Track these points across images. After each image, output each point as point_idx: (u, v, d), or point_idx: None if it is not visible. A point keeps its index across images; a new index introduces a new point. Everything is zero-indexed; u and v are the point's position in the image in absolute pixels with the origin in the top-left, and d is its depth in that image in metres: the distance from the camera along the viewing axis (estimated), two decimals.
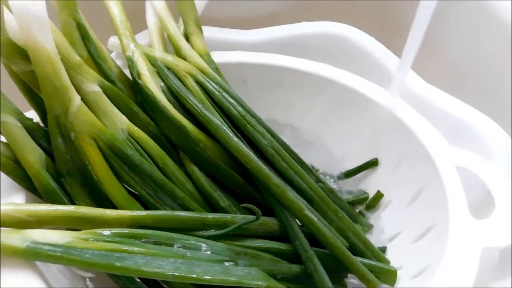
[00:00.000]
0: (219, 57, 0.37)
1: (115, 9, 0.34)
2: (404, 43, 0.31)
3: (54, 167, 0.27)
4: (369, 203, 0.37)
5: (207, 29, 0.38)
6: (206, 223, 0.27)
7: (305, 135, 0.40)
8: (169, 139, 0.31)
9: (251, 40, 0.41)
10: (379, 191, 0.37)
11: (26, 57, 0.25)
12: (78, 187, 0.27)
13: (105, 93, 0.28)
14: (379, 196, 0.37)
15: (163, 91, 0.31)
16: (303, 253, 0.28)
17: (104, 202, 0.27)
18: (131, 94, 0.31)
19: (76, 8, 0.29)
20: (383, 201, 0.37)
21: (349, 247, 0.30)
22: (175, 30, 0.36)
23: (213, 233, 0.27)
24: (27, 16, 0.23)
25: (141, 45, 0.34)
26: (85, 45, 0.30)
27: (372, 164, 0.37)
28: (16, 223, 0.23)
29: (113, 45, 0.36)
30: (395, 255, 0.33)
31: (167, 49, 0.35)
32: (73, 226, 0.25)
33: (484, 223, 0.28)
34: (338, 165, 0.40)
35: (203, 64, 0.34)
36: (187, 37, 0.36)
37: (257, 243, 0.29)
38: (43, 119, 0.29)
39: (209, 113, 0.30)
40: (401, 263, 0.32)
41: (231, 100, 0.32)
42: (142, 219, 0.26)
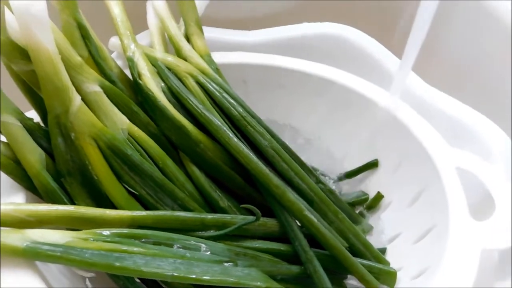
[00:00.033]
0: (220, 57, 0.37)
1: (116, 9, 0.34)
2: (403, 43, 0.31)
3: (54, 167, 0.27)
4: (369, 204, 0.37)
5: (208, 29, 0.38)
6: (206, 223, 0.27)
7: (305, 136, 0.40)
8: (170, 139, 0.31)
9: (251, 40, 0.41)
10: (379, 192, 0.37)
11: (26, 56, 0.25)
12: (78, 187, 0.27)
13: (106, 93, 0.28)
14: (379, 197, 0.37)
15: (163, 91, 0.31)
16: (303, 254, 0.28)
17: (104, 202, 0.27)
18: (131, 94, 0.31)
19: (77, 8, 0.29)
20: (383, 202, 0.37)
21: (348, 248, 0.30)
22: (176, 30, 0.36)
23: (212, 233, 0.27)
24: (28, 16, 0.23)
25: (141, 45, 0.34)
26: (86, 45, 0.30)
27: (372, 165, 0.37)
28: (16, 223, 0.24)
29: (113, 45, 0.36)
30: (395, 256, 0.33)
31: (167, 50, 0.35)
32: (73, 226, 0.25)
33: (484, 225, 0.28)
34: (338, 166, 0.40)
35: (203, 64, 0.34)
36: (187, 38, 0.36)
37: (256, 243, 0.29)
38: (43, 119, 0.29)
39: (210, 114, 0.30)
40: (401, 264, 0.32)
41: (232, 100, 0.32)
42: (142, 219, 0.26)
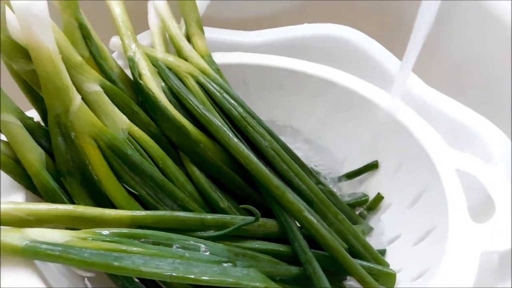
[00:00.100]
0: (220, 58, 0.37)
1: (117, 9, 0.34)
2: (404, 43, 0.31)
3: (54, 167, 0.27)
4: (369, 206, 0.37)
5: (208, 30, 0.38)
6: (205, 223, 0.27)
7: (305, 137, 0.40)
8: (170, 139, 0.31)
9: (252, 41, 0.41)
10: (379, 194, 0.37)
11: (27, 56, 0.25)
12: (78, 187, 0.27)
13: (106, 93, 0.28)
14: (379, 198, 0.37)
15: (164, 91, 0.31)
16: (302, 255, 0.28)
17: (104, 202, 0.27)
18: (132, 94, 0.31)
19: (78, 8, 0.29)
20: (383, 204, 0.37)
21: (348, 250, 0.30)
22: (176, 30, 0.36)
23: (212, 234, 0.27)
24: (29, 15, 0.23)
25: (142, 45, 0.34)
26: (87, 45, 0.30)
27: (372, 166, 0.37)
28: (15, 222, 0.24)
29: (114, 45, 0.36)
30: (395, 257, 0.33)
31: (168, 50, 0.35)
32: (72, 225, 0.25)
33: (484, 227, 0.28)
34: (338, 167, 0.40)
35: (204, 65, 0.34)
36: (188, 38, 0.36)
37: (256, 244, 0.29)
38: (43, 118, 0.29)
39: (210, 114, 0.30)
40: (401, 266, 0.32)
41: (232, 101, 0.32)
42: (141, 219, 0.26)
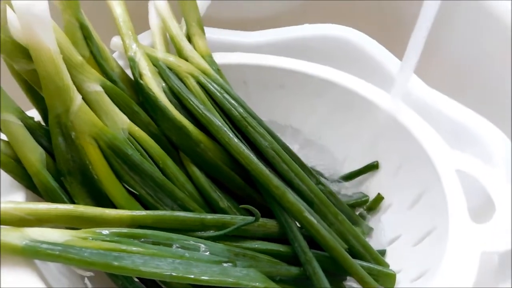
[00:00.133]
0: (221, 58, 0.37)
1: (118, 9, 0.34)
2: (404, 44, 0.31)
3: (54, 166, 0.27)
4: (369, 206, 0.37)
5: (209, 30, 0.38)
6: (205, 223, 0.27)
7: (306, 137, 0.40)
8: (170, 139, 0.31)
9: (253, 41, 0.41)
10: (379, 194, 0.37)
11: (28, 56, 0.25)
12: (78, 186, 0.27)
13: (107, 93, 0.28)
14: (379, 199, 0.37)
15: (164, 91, 0.31)
16: (302, 255, 0.28)
17: (104, 201, 0.27)
18: (132, 94, 0.31)
19: (79, 8, 0.29)
20: (383, 204, 0.37)
21: (348, 250, 0.30)
22: (177, 31, 0.36)
23: (212, 234, 0.27)
24: (30, 15, 0.23)
25: (143, 45, 0.34)
26: (88, 45, 0.30)
27: (372, 167, 0.37)
28: (15, 221, 0.24)
29: (115, 45, 0.36)
30: (395, 258, 0.33)
31: (169, 50, 0.35)
32: (72, 225, 0.25)
33: (484, 227, 0.28)
34: (338, 167, 0.40)
35: (204, 65, 0.34)
36: (189, 38, 0.36)
37: (256, 244, 0.29)
38: (44, 118, 0.29)
39: (210, 114, 0.30)
40: (401, 266, 0.32)
41: (232, 101, 0.32)
42: (141, 219, 0.26)
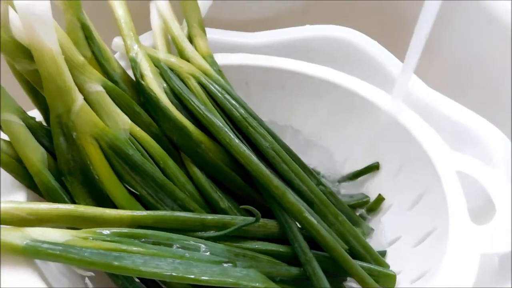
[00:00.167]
0: (222, 59, 0.37)
1: (119, 10, 0.34)
2: (405, 44, 0.31)
3: (55, 166, 0.27)
4: (370, 207, 0.37)
5: (210, 31, 0.39)
6: (206, 224, 0.28)
7: (306, 138, 0.40)
8: (171, 140, 0.31)
9: (254, 42, 0.41)
10: (380, 195, 0.37)
11: (30, 56, 0.25)
12: (79, 186, 0.27)
13: (108, 93, 0.28)
14: (380, 199, 0.37)
15: (165, 92, 0.32)
16: (302, 256, 0.28)
17: (104, 201, 0.27)
18: (133, 94, 0.31)
19: (80, 8, 0.29)
20: (384, 205, 0.37)
21: (348, 251, 0.30)
22: (178, 31, 0.36)
23: (212, 234, 0.27)
24: (32, 15, 0.23)
25: (144, 46, 0.34)
26: (89, 45, 0.30)
27: (373, 168, 0.37)
28: (16, 221, 0.24)
29: (117, 45, 0.36)
30: (395, 259, 0.33)
31: (170, 51, 0.36)
32: (73, 225, 0.25)
33: (484, 229, 0.28)
34: (339, 168, 0.40)
35: (206, 66, 0.34)
36: (190, 39, 0.36)
37: (256, 245, 0.29)
38: (45, 118, 0.29)
39: (211, 115, 0.30)
40: (401, 267, 0.32)
41: (233, 102, 0.32)
42: (142, 219, 0.26)
